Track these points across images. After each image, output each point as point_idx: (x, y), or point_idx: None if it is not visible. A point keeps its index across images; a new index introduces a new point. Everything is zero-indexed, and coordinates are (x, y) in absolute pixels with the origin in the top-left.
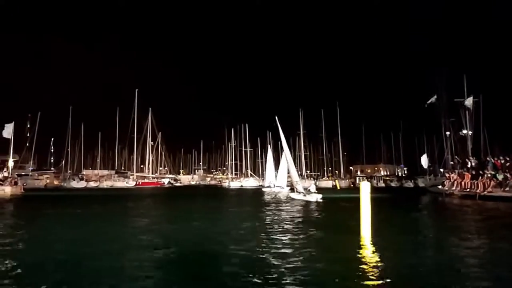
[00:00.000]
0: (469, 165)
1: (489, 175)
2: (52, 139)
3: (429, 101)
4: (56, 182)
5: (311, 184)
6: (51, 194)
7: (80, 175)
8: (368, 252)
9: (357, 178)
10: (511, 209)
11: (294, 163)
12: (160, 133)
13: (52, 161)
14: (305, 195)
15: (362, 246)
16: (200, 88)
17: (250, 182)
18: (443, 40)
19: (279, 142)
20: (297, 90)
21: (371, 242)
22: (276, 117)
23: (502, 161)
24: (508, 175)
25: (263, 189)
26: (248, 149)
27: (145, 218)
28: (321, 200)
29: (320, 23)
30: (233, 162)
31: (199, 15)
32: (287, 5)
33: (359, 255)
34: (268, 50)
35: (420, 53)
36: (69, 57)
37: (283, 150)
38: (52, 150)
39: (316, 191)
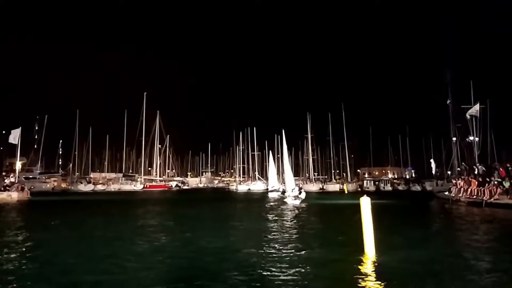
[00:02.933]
0: (476, 172)
1: (495, 182)
2: (61, 141)
3: (448, 101)
4: (63, 185)
5: (302, 191)
6: (58, 199)
7: (87, 178)
8: (373, 273)
9: (365, 181)
10: None
11: (302, 167)
12: (168, 135)
13: (59, 163)
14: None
15: (365, 265)
16: (208, 91)
17: (257, 186)
18: (450, 45)
19: (287, 146)
20: (305, 94)
21: (376, 260)
22: (283, 131)
23: (510, 168)
24: None
25: (269, 194)
26: (256, 153)
27: (150, 233)
28: (297, 203)
29: (326, 27)
30: (241, 165)
31: (207, 19)
32: (293, 7)
33: (363, 276)
34: (276, 54)
35: (428, 56)
36: (78, 60)
37: (290, 155)
38: (60, 153)
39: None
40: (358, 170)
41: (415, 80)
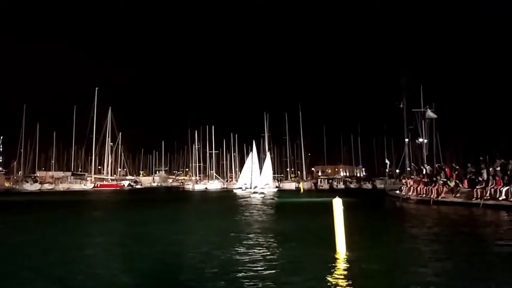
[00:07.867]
0: (424, 172)
1: (441, 181)
2: (1, 137)
3: (400, 104)
4: (7, 184)
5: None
6: (5, 199)
7: (33, 177)
8: (346, 271)
9: (319, 180)
10: (462, 212)
11: (259, 166)
12: (120, 133)
13: (1, 161)
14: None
15: (339, 264)
16: (163, 88)
17: (215, 185)
18: (402, 49)
19: (244, 145)
20: (263, 93)
21: (348, 258)
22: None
23: (456, 172)
24: (458, 181)
25: (235, 192)
26: (213, 151)
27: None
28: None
29: (283, 29)
30: (197, 164)
31: (161, 14)
32: (248, 6)
33: (337, 273)
34: (233, 54)
35: (381, 58)
36: (24, 53)
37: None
38: (1, 149)
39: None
40: (313, 168)
41: (368, 81)
